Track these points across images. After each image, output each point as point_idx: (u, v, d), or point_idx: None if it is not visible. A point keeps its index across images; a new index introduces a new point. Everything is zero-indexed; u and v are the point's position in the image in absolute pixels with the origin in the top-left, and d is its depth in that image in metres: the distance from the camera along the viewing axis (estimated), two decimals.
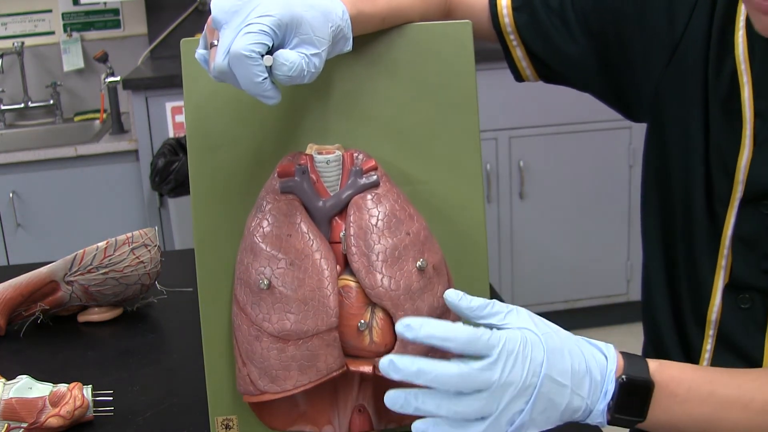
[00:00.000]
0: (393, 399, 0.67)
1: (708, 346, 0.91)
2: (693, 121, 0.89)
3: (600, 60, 0.96)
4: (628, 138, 2.93)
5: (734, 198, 0.86)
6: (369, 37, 0.85)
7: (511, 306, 0.72)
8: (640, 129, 2.91)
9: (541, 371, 0.68)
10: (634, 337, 3.15)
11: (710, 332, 0.90)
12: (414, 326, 0.66)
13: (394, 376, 0.66)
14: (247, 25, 0.69)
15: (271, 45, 0.70)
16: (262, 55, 0.69)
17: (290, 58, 0.70)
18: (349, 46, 0.80)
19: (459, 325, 0.67)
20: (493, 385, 0.66)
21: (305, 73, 0.72)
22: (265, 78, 0.70)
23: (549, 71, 1.01)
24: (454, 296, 0.72)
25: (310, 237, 0.80)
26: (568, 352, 0.70)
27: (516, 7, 0.99)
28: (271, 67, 0.71)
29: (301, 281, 0.79)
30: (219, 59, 0.70)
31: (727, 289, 0.89)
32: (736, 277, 0.88)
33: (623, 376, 0.71)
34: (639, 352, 1.02)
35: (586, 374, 0.70)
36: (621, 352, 0.74)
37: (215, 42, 0.72)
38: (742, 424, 0.73)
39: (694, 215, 0.90)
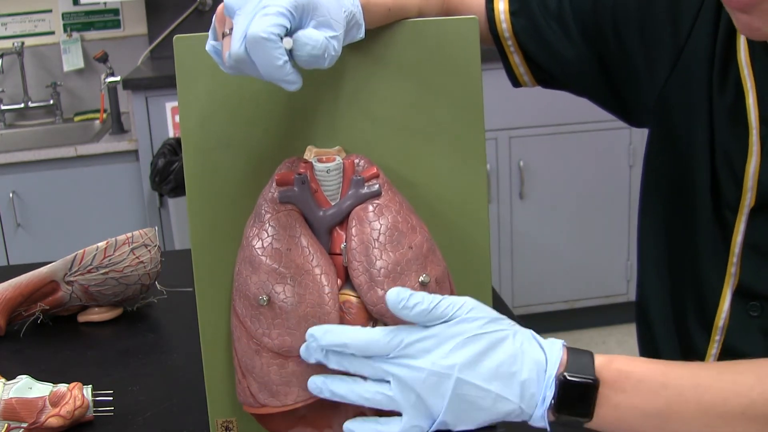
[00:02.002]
0: (311, 384, 0.73)
1: (713, 351, 0.90)
2: (697, 127, 0.88)
3: (599, 64, 0.95)
4: (628, 138, 2.93)
5: (743, 205, 0.85)
6: (371, 32, 0.83)
7: (458, 302, 0.71)
8: (640, 129, 2.91)
9: (453, 374, 0.68)
10: (633, 337, 3.14)
11: (716, 337, 0.90)
12: (316, 335, 0.71)
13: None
14: (263, 8, 0.66)
15: (289, 27, 0.67)
16: (281, 38, 0.67)
17: (313, 36, 0.67)
18: (361, 34, 0.78)
19: (357, 329, 0.71)
20: (394, 379, 0.69)
21: (326, 54, 0.68)
22: (286, 61, 0.66)
23: (547, 76, 1.00)
24: (394, 300, 0.71)
25: (310, 251, 0.79)
26: (501, 353, 0.69)
27: (513, 12, 0.98)
28: (290, 50, 0.68)
29: (301, 297, 0.78)
30: (235, 46, 0.66)
31: (736, 296, 0.88)
32: (745, 284, 0.87)
33: (564, 374, 0.68)
34: (638, 353, 1.02)
35: (516, 377, 0.68)
36: (569, 348, 0.71)
37: (227, 31, 0.69)
38: (697, 420, 0.68)
39: (699, 221, 0.89)
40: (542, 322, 3.09)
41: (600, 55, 0.94)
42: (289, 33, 0.68)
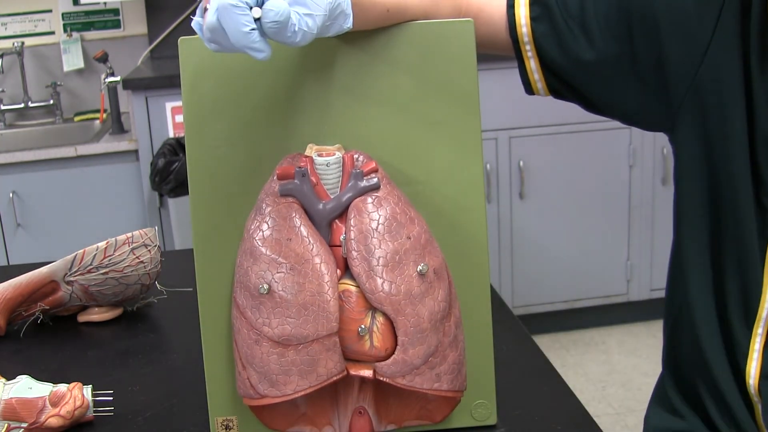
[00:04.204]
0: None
1: (756, 345, 0.90)
2: (735, 114, 0.87)
3: (620, 66, 0.94)
4: (628, 138, 2.93)
5: None
6: (371, 33, 0.85)
7: None
8: (641, 130, 2.91)
9: None
10: (633, 337, 3.15)
11: (759, 330, 0.89)
12: None
13: None
14: None
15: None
16: (251, 8, 0.70)
17: (277, 3, 0.70)
18: (349, 23, 0.79)
19: None
20: None
21: (296, 28, 0.71)
22: (254, 29, 0.70)
23: (560, 85, 0.99)
24: None
25: (310, 241, 0.80)
26: None
27: (534, 17, 0.97)
28: (260, 20, 0.71)
29: (301, 286, 0.79)
30: (209, 17, 0.70)
31: None
32: None
33: None
34: (638, 352, 1.00)
35: None
36: None
37: (208, 7, 0.72)
38: None
39: (741, 211, 0.89)
40: (542, 322, 3.09)
41: (621, 56, 0.93)
42: (261, 5, 0.71)
